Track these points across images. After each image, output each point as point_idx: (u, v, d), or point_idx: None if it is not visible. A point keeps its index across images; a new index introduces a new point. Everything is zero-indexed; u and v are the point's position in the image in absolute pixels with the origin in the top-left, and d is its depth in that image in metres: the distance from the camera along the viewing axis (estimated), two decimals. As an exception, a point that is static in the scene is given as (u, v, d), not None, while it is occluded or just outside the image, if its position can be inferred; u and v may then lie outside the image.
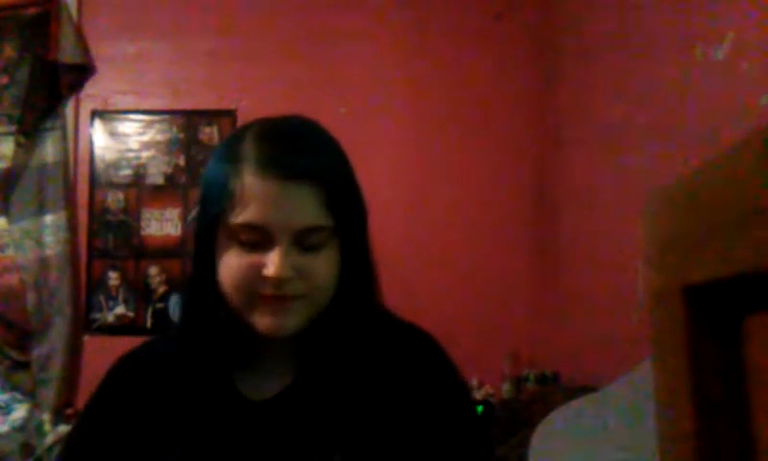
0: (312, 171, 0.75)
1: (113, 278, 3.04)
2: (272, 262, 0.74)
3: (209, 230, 0.78)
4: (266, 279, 0.74)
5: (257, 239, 0.75)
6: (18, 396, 2.67)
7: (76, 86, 3.07)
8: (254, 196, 0.74)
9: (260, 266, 0.75)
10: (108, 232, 3.06)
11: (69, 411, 2.83)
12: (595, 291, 2.33)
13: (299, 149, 0.77)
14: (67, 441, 0.87)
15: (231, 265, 0.76)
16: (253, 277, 0.75)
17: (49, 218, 3.00)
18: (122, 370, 0.87)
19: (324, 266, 0.77)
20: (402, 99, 3.06)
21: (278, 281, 0.74)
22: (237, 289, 0.76)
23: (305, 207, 0.74)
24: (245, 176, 0.75)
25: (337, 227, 0.77)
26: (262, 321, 0.76)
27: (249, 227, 0.74)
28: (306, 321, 0.78)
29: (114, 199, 3.06)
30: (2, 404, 2.54)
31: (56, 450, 2.40)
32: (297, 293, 0.76)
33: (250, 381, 0.82)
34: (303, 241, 0.75)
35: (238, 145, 0.78)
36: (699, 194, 0.27)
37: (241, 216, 0.74)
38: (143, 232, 3.05)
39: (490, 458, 0.86)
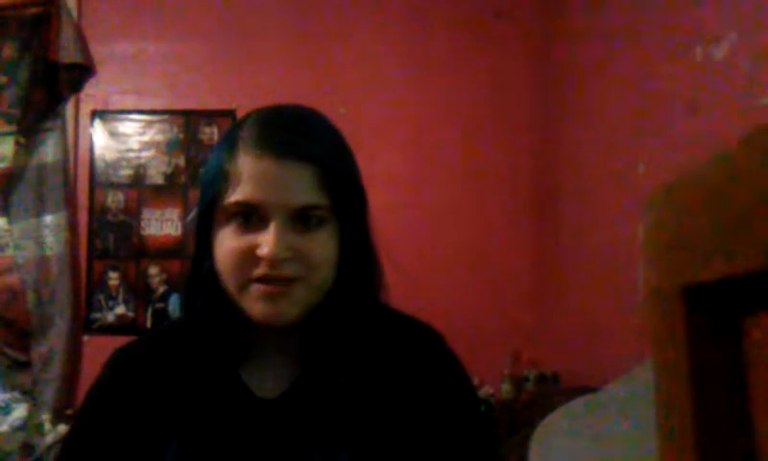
0: (309, 152, 0.74)
1: (113, 278, 3.04)
2: (266, 241, 0.72)
3: (206, 216, 0.77)
4: (260, 259, 0.73)
5: (252, 219, 0.74)
6: (18, 396, 2.67)
7: (76, 86, 3.07)
8: (249, 174, 0.73)
9: (255, 247, 0.73)
10: (107, 232, 3.06)
11: (69, 411, 2.82)
12: (595, 291, 2.33)
13: (296, 130, 0.76)
14: (66, 438, 0.85)
15: (226, 248, 0.75)
16: (248, 258, 0.73)
17: (49, 218, 3.00)
18: (119, 363, 0.84)
19: (320, 247, 0.75)
20: (402, 97, 3.06)
21: (273, 261, 0.72)
22: (232, 272, 0.75)
23: (302, 186, 0.73)
24: (240, 156, 0.74)
25: (334, 207, 0.75)
26: (257, 307, 0.74)
27: (243, 205, 0.73)
28: (305, 308, 0.77)
29: (114, 199, 3.06)
30: (2, 404, 2.54)
31: (56, 450, 2.39)
32: (292, 275, 0.74)
33: (255, 376, 0.81)
34: (299, 221, 0.74)
35: (236, 131, 0.78)
36: (699, 194, 0.27)
37: (235, 195, 0.73)
38: (143, 232, 3.05)
39: (496, 457, 0.85)
